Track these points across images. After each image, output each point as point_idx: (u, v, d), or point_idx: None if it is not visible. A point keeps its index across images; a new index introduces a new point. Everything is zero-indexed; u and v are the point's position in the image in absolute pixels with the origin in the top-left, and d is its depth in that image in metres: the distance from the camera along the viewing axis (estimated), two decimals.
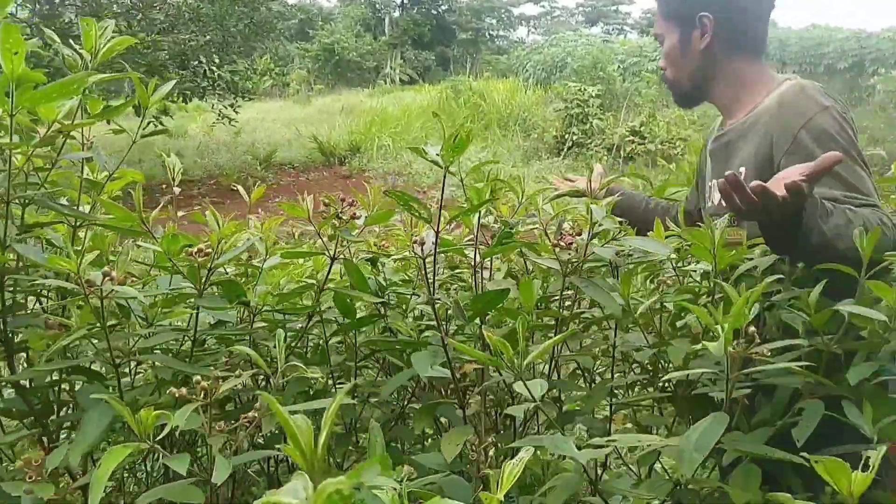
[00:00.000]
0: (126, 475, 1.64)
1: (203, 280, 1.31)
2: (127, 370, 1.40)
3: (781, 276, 1.34)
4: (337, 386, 1.59)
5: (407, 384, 1.57)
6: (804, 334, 1.25)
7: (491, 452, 1.27)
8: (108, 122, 1.33)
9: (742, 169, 1.69)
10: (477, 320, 1.39)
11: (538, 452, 1.35)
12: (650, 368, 1.54)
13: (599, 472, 1.52)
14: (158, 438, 0.96)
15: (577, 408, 1.68)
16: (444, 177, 1.29)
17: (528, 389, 1.05)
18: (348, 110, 20.71)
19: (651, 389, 1.54)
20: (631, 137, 14.75)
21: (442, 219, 1.33)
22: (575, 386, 1.69)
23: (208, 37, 12.96)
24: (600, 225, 1.39)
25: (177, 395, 1.03)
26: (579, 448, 1.06)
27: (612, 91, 16.97)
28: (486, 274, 1.60)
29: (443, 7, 39.11)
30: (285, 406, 0.92)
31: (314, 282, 1.52)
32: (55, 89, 1.01)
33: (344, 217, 1.39)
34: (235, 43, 13.64)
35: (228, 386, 1.05)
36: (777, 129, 1.62)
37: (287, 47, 25.07)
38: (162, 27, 12.68)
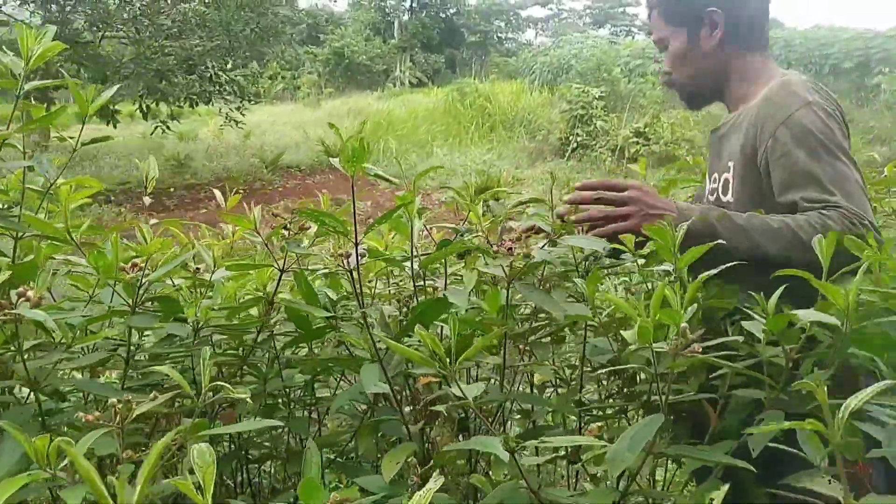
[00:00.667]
0: None
1: (137, 296, 1.25)
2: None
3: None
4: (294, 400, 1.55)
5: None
6: (765, 343, 1.19)
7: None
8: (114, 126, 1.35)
9: (730, 163, 1.70)
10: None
11: (491, 474, 1.27)
12: (617, 377, 1.50)
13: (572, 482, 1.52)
14: (61, 466, 0.88)
15: (550, 424, 1.65)
16: (353, 187, 1.26)
17: (460, 390, 1.03)
18: (356, 113, 20.81)
19: (616, 398, 1.52)
20: (635, 139, 14.79)
21: (364, 229, 1.31)
22: (535, 398, 1.60)
23: (215, 42, 13.10)
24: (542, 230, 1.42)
25: (84, 420, 0.96)
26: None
27: (616, 92, 16.99)
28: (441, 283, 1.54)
29: (451, 10, 39.15)
30: (207, 430, 0.98)
31: (264, 294, 1.47)
32: None
33: (291, 229, 1.37)
34: (241, 48, 13.76)
35: (143, 409, 0.99)
36: (760, 124, 1.61)
37: (297, 51, 25.22)
38: (170, 32, 12.84)
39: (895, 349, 1.11)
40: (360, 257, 1.30)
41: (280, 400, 1.57)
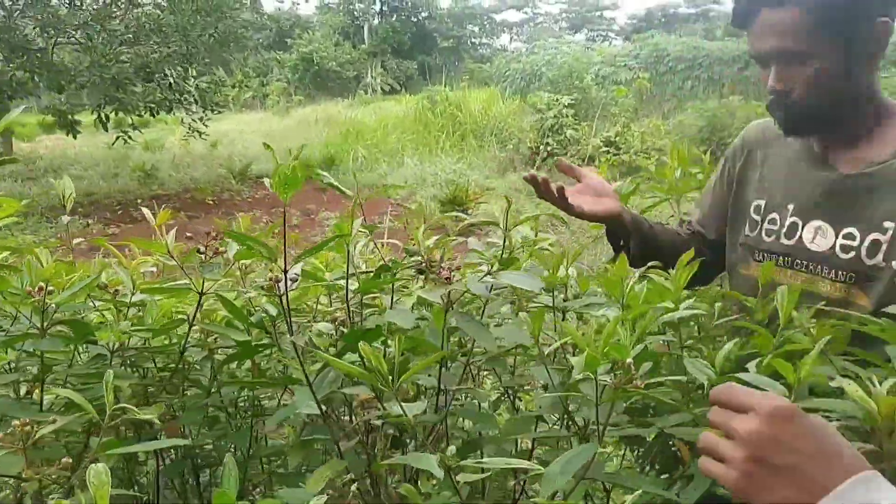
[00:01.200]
0: None
1: (46, 319, 1.27)
2: None
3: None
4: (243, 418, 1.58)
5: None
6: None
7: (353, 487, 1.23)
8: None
9: (890, 224, 1.41)
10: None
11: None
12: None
13: None
14: None
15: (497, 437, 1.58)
16: (284, 213, 1.21)
17: (401, 408, 1.05)
18: (326, 121, 20.52)
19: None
20: (605, 148, 14.58)
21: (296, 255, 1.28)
22: (483, 416, 1.53)
23: (172, 48, 12.68)
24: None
25: None
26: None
27: (588, 100, 16.78)
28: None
29: (423, 14, 39.00)
30: (112, 448, 1.02)
31: (185, 316, 1.48)
32: None
33: (206, 252, 1.35)
34: (200, 54, 13.33)
35: (47, 430, 1.03)
36: None
37: (264, 57, 24.91)
38: (124, 38, 12.40)
39: None
40: (291, 282, 1.28)
41: (224, 412, 1.59)
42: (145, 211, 1.58)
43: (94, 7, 11.82)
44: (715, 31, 27.66)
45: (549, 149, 15.22)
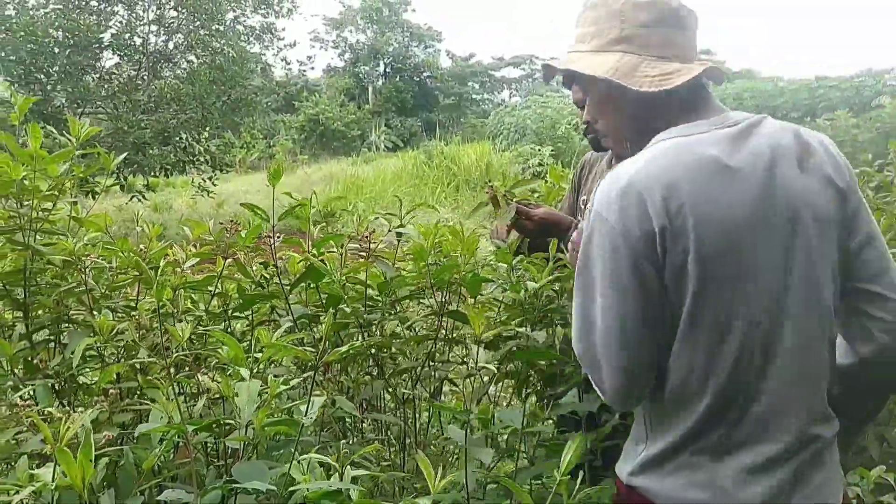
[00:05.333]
0: None
1: None
2: None
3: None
4: None
5: None
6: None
7: None
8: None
9: None
10: None
11: None
12: None
13: None
14: None
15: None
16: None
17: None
18: (330, 178, 21.47)
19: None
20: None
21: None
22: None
23: (189, 114, 13.84)
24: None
25: None
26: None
27: (571, 148, 17.90)
28: None
29: (425, 74, 40.39)
30: None
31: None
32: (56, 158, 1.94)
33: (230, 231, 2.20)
34: (214, 119, 14.48)
35: None
36: None
37: (271, 119, 26.12)
38: (146, 107, 13.58)
39: None
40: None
41: None
42: None
43: (121, 80, 13.01)
44: None
45: (536, 196, 16.20)
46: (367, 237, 2.20)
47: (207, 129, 15.11)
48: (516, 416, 1.74)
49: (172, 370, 1.71)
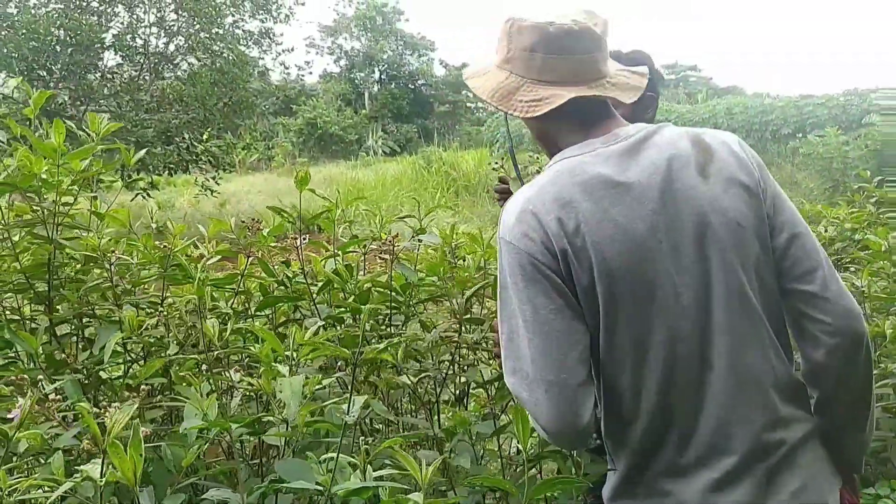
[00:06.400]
0: None
1: None
2: None
3: None
4: None
5: None
6: None
7: None
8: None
9: None
10: None
11: None
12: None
13: None
14: None
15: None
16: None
17: None
18: (329, 181, 21.52)
19: None
20: None
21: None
22: None
23: (191, 115, 13.89)
24: None
25: None
26: None
27: None
28: None
29: (419, 82, 40.52)
30: None
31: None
32: (79, 153, 1.97)
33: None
34: (215, 120, 14.54)
35: None
36: None
37: (270, 122, 26.15)
38: (149, 107, 13.61)
39: None
40: None
41: None
42: None
43: (124, 80, 13.05)
44: (696, 95, 28.99)
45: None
46: (391, 241, 2.23)
47: (209, 129, 15.14)
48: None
49: (204, 367, 1.74)
